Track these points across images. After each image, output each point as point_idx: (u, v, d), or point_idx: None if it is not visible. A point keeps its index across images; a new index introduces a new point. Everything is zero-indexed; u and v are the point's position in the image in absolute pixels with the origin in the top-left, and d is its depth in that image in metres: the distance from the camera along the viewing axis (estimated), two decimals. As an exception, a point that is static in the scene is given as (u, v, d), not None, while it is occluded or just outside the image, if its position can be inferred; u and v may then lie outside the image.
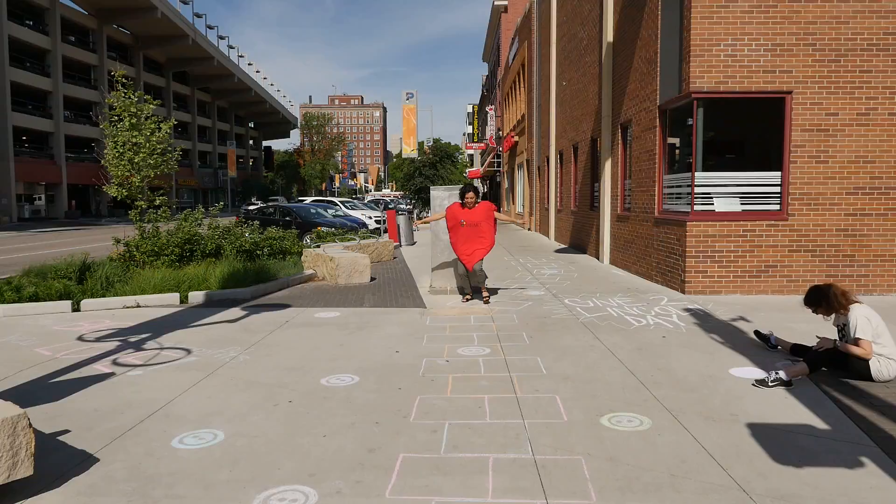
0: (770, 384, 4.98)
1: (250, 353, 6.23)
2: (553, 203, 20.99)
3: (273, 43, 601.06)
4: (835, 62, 9.06)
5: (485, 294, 9.01)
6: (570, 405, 4.63)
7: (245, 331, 7.28)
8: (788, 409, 4.51)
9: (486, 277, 9.19)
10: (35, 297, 8.75)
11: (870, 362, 5.06)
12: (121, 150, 11.41)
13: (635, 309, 8.32)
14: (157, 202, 11.71)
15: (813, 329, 6.85)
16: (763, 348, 6.19)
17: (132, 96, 11.60)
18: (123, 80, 11.58)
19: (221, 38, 71.68)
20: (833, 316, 5.45)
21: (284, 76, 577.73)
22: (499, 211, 9.70)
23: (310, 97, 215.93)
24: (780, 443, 3.92)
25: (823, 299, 5.33)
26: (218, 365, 5.81)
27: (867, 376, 5.07)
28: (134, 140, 11.42)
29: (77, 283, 9.59)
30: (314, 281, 11.55)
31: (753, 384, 5.07)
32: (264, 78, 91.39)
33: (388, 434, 4.11)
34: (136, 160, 11.41)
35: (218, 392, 5.01)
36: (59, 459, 3.74)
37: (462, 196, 9.01)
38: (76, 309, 8.67)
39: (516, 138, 32.71)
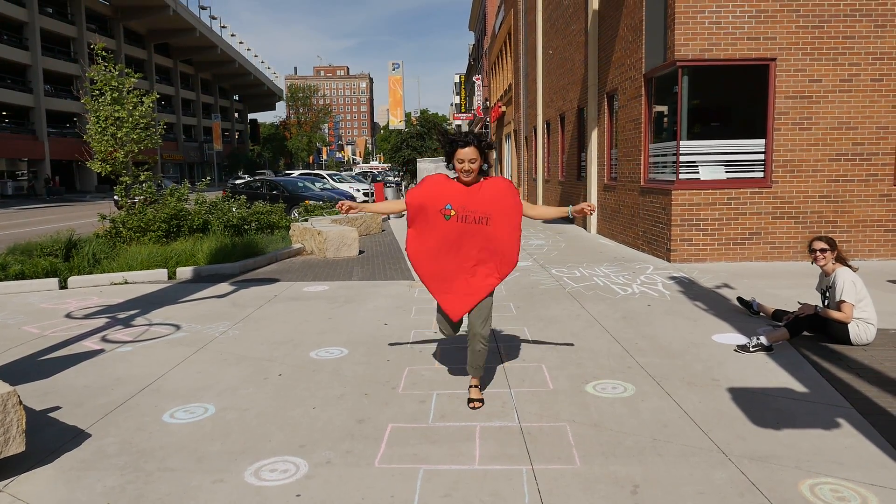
0: (751, 349, 5.08)
1: (239, 328, 6.27)
2: (540, 173, 20.98)
3: (257, 13, 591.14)
4: (818, 28, 9.05)
5: (474, 391, 4.20)
6: (556, 373, 4.71)
7: (234, 305, 7.31)
8: (768, 374, 4.62)
9: (485, 352, 4.17)
10: (21, 275, 8.72)
11: (849, 326, 5.16)
12: (103, 125, 11.25)
13: (621, 278, 8.40)
14: (142, 177, 11.62)
15: (795, 295, 6.98)
16: (745, 314, 6.30)
17: (113, 70, 11.43)
18: (103, 54, 11.38)
19: (203, 8, 70.40)
20: (819, 278, 5.56)
21: (269, 48, 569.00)
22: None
23: (295, 69, 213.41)
24: (759, 406, 4.02)
25: (835, 247, 5.39)
26: (207, 340, 5.85)
27: (846, 340, 5.19)
28: (116, 114, 11.27)
29: (63, 260, 9.55)
30: (302, 255, 11.56)
31: (735, 350, 5.17)
32: (248, 49, 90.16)
33: (376, 405, 4.18)
34: (119, 135, 11.27)
35: (208, 367, 5.06)
36: (51, 435, 3.79)
37: (449, 155, 4.04)
38: (63, 286, 8.65)
39: (504, 108, 32.52)
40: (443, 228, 4.04)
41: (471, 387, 4.24)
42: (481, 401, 4.18)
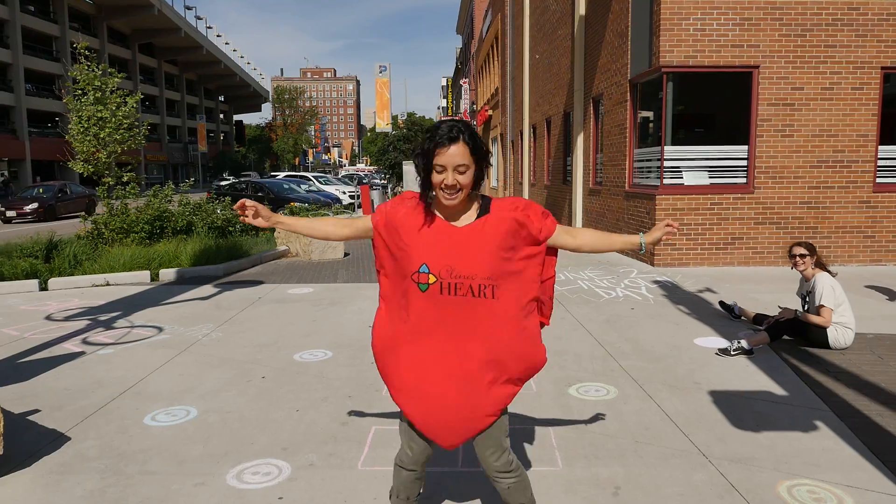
0: (732, 353, 5.14)
1: (223, 330, 6.23)
2: (527, 177, 21.05)
3: (242, 13, 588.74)
4: (801, 37, 9.18)
5: None
6: (540, 377, 4.72)
7: (217, 308, 7.26)
8: (749, 377, 4.67)
9: (522, 483, 2.44)
10: (0, 277, 8.61)
11: (828, 331, 5.23)
12: (85, 125, 11.13)
13: (605, 281, 8.46)
14: (125, 178, 11.52)
15: (775, 299, 7.05)
16: (727, 318, 6.36)
17: (96, 69, 11.32)
18: (86, 53, 11.27)
19: (188, 8, 69.98)
20: (799, 283, 5.64)
21: (255, 48, 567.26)
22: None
23: (281, 70, 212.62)
24: (739, 409, 4.07)
25: (815, 252, 5.48)
26: (190, 342, 5.81)
27: (825, 344, 5.25)
28: (99, 115, 11.16)
29: (44, 261, 9.46)
30: (287, 257, 11.51)
31: (716, 353, 5.23)
32: (234, 50, 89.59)
33: (360, 407, 4.17)
34: (101, 135, 11.15)
35: (190, 369, 5.03)
36: (29, 439, 3.75)
37: (426, 167, 2.13)
38: (44, 288, 8.55)
39: (490, 112, 32.62)
40: (417, 306, 2.24)
41: None
42: None
